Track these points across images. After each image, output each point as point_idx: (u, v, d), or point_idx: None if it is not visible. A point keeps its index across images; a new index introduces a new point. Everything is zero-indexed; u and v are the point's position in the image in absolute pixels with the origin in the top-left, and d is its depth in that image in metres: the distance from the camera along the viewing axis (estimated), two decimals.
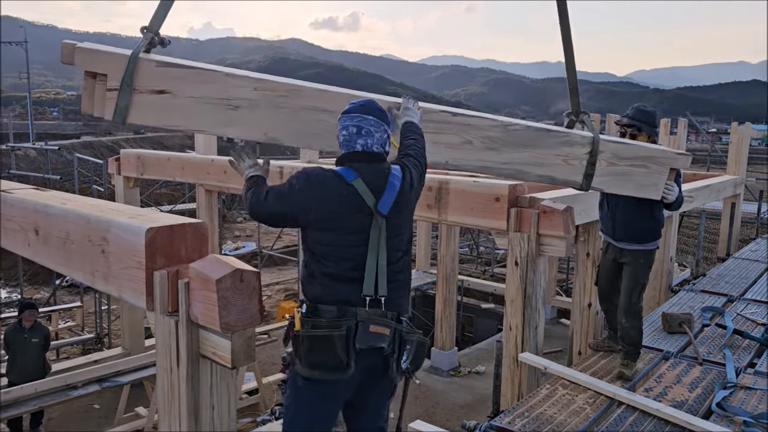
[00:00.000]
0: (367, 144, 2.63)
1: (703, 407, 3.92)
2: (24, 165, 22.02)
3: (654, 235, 4.30)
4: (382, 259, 2.49)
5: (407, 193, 2.64)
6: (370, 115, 2.66)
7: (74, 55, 2.80)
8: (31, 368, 6.99)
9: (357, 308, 2.44)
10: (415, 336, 2.51)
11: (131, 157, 8.25)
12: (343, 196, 2.50)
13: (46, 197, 3.12)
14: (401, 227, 2.62)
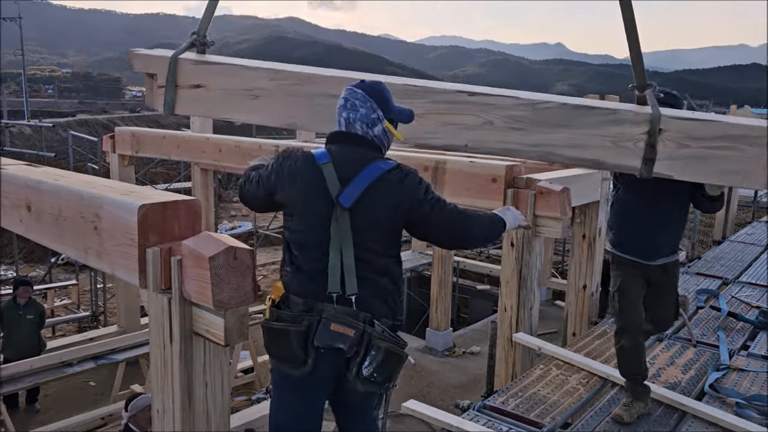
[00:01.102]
0: (349, 118, 2.41)
1: (696, 389, 3.95)
2: (19, 142, 21.88)
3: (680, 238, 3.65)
4: (347, 256, 2.28)
5: (381, 194, 2.30)
6: (360, 89, 2.44)
7: (132, 60, 3.49)
8: (27, 345, 7.00)
9: (324, 304, 2.28)
10: (385, 344, 2.27)
11: (126, 134, 8.19)
12: (308, 180, 2.34)
13: (38, 173, 3.09)
14: (373, 228, 2.32)
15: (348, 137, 2.41)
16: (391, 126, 2.47)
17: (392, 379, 2.34)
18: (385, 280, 2.36)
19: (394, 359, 2.30)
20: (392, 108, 2.49)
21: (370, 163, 2.34)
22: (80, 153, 12.13)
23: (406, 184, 2.34)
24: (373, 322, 2.28)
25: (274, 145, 6.51)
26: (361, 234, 2.29)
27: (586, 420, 3.51)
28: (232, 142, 7.14)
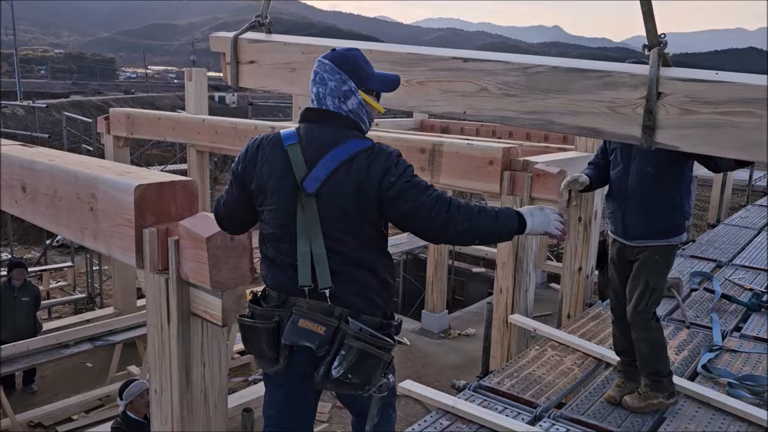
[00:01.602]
0: (319, 93, 2.15)
1: (689, 369, 3.98)
2: (12, 124, 21.70)
3: (678, 226, 3.24)
4: (317, 246, 2.04)
5: (346, 180, 2.03)
6: (328, 60, 2.16)
7: (210, 43, 4.08)
8: (22, 327, 7.00)
9: (297, 298, 2.08)
10: (359, 343, 2.01)
11: (120, 116, 8.13)
12: (274, 164, 2.10)
13: (33, 153, 3.07)
14: (342, 216, 2.06)
15: (318, 114, 2.16)
16: (370, 97, 2.19)
17: (371, 383, 2.06)
18: (364, 273, 2.11)
19: (371, 361, 2.04)
20: (370, 76, 2.20)
21: (341, 143, 2.08)
22: (74, 134, 12.05)
23: (374, 165, 2.05)
24: (348, 318, 2.06)
25: (270, 127, 6.48)
26: (330, 222, 2.06)
27: (580, 400, 3.54)
28: (228, 123, 7.11)
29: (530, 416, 3.33)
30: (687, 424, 3.29)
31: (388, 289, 2.18)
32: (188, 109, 8.66)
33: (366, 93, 2.18)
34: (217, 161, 20.27)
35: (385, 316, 2.15)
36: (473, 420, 3.23)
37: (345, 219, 2.06)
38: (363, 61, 2.21)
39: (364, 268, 2.11)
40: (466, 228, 2.07)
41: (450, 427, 3.19)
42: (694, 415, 3.40)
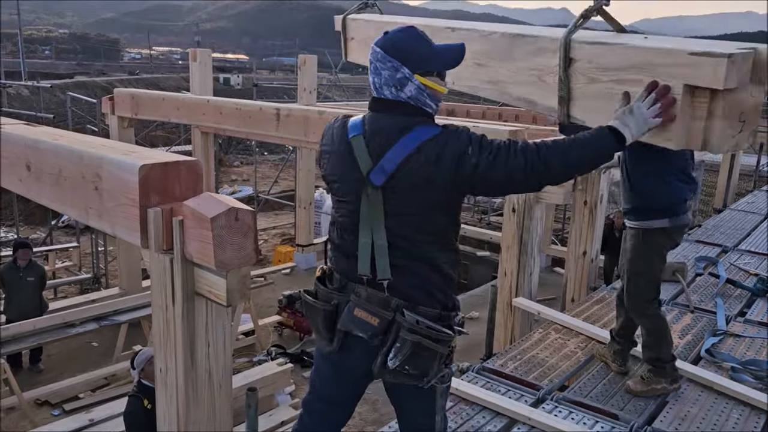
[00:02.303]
0: (375, 84, 2.08)
1: (692, 353, 3.99)
2: (17, 104, 21.69)
3: (652, 211, 3.15)
4: (379, 238, 2.03)
5: (419, 169, 1.95)
6: (379, 47, 2.07)
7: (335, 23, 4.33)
8: (28, 306, 7.05)
9: (357, 285, 2.09)
10: (414, 336, 1.98)
11: (125, 96, 8.11)
12: (340, 155, 2.11)
13: (37, 132, 3.06)
14: (411, 209, 2.01)
15: (381, 104, 2.08)
16: (428, 80, 2.05)
17: (429, 374, 2.04)
18: (425, 268, 2.06)
19: (427, 353, 2.00)
20: (427, 57, 2.06)
21: (407, 133, 1.99)
22: (79, 115, 12.03)
23: (446, 153, 1.94)
24: (404, 311, 2.03)
25: (275, 109, 6.45)
26: (395, 216, 2.02)
27: (583, 383, 3.55)
28: (232, 104, 7.08)
29: (533, 398, 3.35)
30: (689, 408, 3.30)
31: (449, 284, 2.13)
32: (193, 89, 8.63)
33: (425, 75, 2.05)
34: (222, 143, 20.25)
35: (444, 308, 2.10)
36: (476, 402, 3.25)
37: (411, 213, 2.02)
38: (417, 41, 2.07)
39: (426, 263, 2.07)
40: (561, 170, 2.00)
41: (453, 408, 3.20)
42: (696, 398, 3.40)
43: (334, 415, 2.36)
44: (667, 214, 3.17)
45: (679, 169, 3.17)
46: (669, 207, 3.17)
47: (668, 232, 3.22)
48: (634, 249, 3.25)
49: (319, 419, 2.36)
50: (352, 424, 5.79)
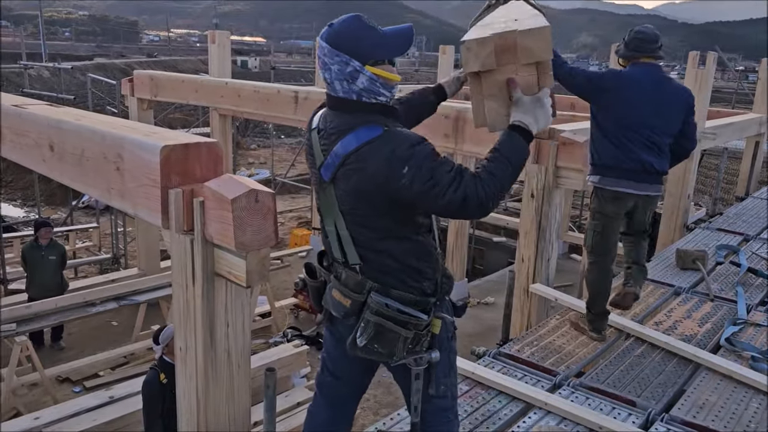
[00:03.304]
0: (326, 79, 2.07)
1: (711, 342, 3.95)
2: (38, 85, 21.89)
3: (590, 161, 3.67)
4: (341, 228, 2.08)
5: (361, 175, 1.94)
6: (325, 41, 2.02)
7: None
8: (50, 284, 7.18)
9: (338, 265, 2.17)
10: (375, 318, 2.01)
11: (144, 78, 8.14)
12: (307, 145, 2.21)
13: (60, 113, 3.09)
14: (358, 205, 2.02)
15: (333, 101, 2.08)
16: (380, 69, 2.00)
17: (396, 354, 2.04)
18: (389, 260, 2.07)
19: (391, 335, 2.02)
20: (376, 45, 2.00)
21: (348, 134, 1.97)
22: (99, 96, 12.12)
23: (376, 159, 1.91)
24: (372, 294, 2.05)
25: (293, 91, 6.45)
26: (349, 209, 2.05)
27: (600, 369, 3.54)
28: (251, 87, 7.08)
29: (550, 384, 3.34)
30: (708, 396, 3.28)
31: (418, 273, 2.09)
32: (211, 72, 8.63)
33: (376, 65, 2.00)
34: (239, 125, 20.32)
35: (422, 293, 2.10)
36: (492, 386, 3.26)
37: (361, 208, 2.03)
38: (364, 31, 2.00)
39: (387, 255, 2.08)
40: (495, 199, 1.97)
41: (469, 392, 3.21)
42: (715, 387, 3.38)
43: (341, 389, 2.41)
44: (594, 171, 3.66)
45: (598, 126, 3.59)
46: (594, 164, 3.65)
47: (603, 190, 3.62)
48: (593, 203, 3.76)
49: (327, 393, 2.44)
50: (367, 407, 5.84)
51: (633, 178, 3.51)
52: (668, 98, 3.49)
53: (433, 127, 4.91)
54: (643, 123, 3.44)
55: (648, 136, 3.46)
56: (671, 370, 3.57)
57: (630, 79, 3.49)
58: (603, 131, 3.54)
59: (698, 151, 6.83)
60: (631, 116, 3.43)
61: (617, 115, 3.46)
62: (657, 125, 3.47)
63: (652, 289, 4.84)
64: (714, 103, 8.82)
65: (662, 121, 3.48)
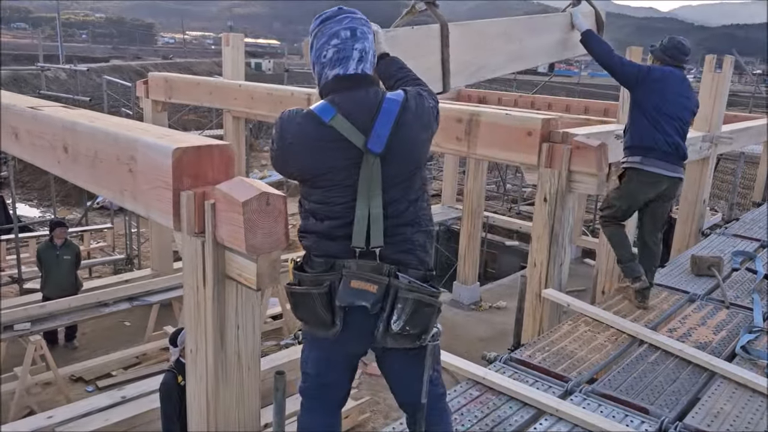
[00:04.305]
0: (365, 49, 2.17)
1: (727, 350, 3.89)
2: (55, 87, 22.12)
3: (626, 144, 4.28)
4: (375, 206, 2.08)
5: (410, 125, 2.11)
6: (356, 13, 2.21)
7: None
8: (64, 284, 7.25)
9: (345, 261, 2.10)
10: (413, 294, 2.07)
11: (159, 80, 8.20)
12: (322, 146, 2.07)
13: (75, 115, 3.11)
14: (403, 172, 2.13)
15: (347, 82, 2.15)
16: None
17: (428, 331, 2.14)
18: (414, 230, 2.17)
19: (427, 310, 2.10)
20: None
21: (382, 101, 2.11)
22: (114, 98, 12.23)
23: (426, 105, 2.18)
24: (397, 274, 2.10)
25: (306, 94, 6.46)
26: (390, 181, 2.10)
27: (612, 375, 3.50)
28: (264, 89, 7.11)
29: (561, 390, 3.31)
30: (723, 405, 3.23)
31: (431, 240, 2.26)
32: (225, 74, 8.67)
33: None
34: (253, 127, 20.39)
35: (428, 269, 2.21)
36: (503, 391, 3.23)
37: (402, 175, 2.13)
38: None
39: (414, 224, 2.18)
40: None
41: (480, 397, 3.19)
42: (731, 395, 3.33)
43: (331, 395, 2.38)
44: (629, 153, 4.24)
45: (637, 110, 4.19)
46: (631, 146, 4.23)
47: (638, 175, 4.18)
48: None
49: (318, 403, 2.37)
50: (377, 410, 5.82)
51: (668, 160, 4.13)
52: (692, 100, 4.30)
53: (445, 131, 4.90)
54: (676, 113, 4.15)
55: (679, 125, 4.18)
56: (685, 378, 3.53)
57: (672, 75, 4.21)
58: (645, 114, 4.13)
59: (714, 156, 6.74)
60: (668, 105, 4.12)
61: (657, 103, 4.11)
62: (684, 118, 4.22)
63: (666, 295, 4.78)
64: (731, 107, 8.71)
65: (686, 115, 4.25)
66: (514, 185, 16.52)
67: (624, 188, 4.28)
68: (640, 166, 4.15)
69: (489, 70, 4.15)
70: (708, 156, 6.43)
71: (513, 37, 4.18)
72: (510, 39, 4.15)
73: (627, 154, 4.26)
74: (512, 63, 4.37)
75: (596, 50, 4.33)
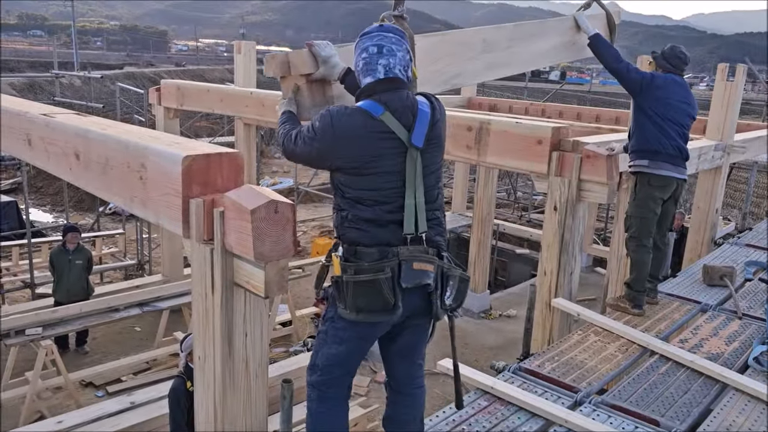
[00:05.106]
0: (389, 65, 2.43)
1: (739, 361, 3.85)
2: (69, 93, 22.37)
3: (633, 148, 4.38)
4: (420, 195, 2.37)
5: (439, 123, 2.47)
6: (391, 33, 2.48)
7: None
8: (76, 288, 7.30)
9: (398, 248, 2.32)
10: (458, 272, 2.42)
11: (171, 87, 8.26)
12: (371, 136, 2.33)
13: (87, 122, 3.14)
14: (436, 162, 2.48)
15: (396, 82, 2.43)
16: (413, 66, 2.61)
17: (462, 303, 2.49)
18: (441, 214, 2.51)
19: (465, 285, 2.46)
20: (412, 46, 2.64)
21: (417, 102, 2.43)
22: (127, 105, 12.34)
23: (443, 111, 2.52)
24: (441, 255, 2.40)
25: None
26: (428, 173, 2.42)
27: (622, 386, 3.47)
28: (274, 97, 7.12)
29: (570, 401, 3.29)
30: (735, 418, 3.19)
31: (445, 230, 2.55)
32: (237, 81, 8.72)
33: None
34: (264, 134, 20.49)
35: (446, 248, 2.49)
36: (512, 401, 3.21)
37: (436, 165, 2.47)
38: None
39: (441, 209, 2.52)
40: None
41: (488, 407, 3.17)
42: (743, 408, 3.29)
43: (349, 382, 2.60)
44: (637, 156, 4.33)
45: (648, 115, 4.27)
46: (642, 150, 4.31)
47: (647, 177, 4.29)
48: (631, 191, 4.43)
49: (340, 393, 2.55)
50: None
51: (674, 162, 4.29)
52: (692, 106, 4.44)
53: (455, 138, 4.90)
54: (678, 118, 4.31)
55: (681, 130, 4.34)
56: (697, 390, 3.49)
57: (674, 82, 4.37)
58: (650, 119, 4.27)
59: (727, 165, 6.69)
60: (672, 111, 4.27)
61: (661, 108, 4.25)
62: (685, 123, 4.37)
63: (677, 305, 4.74)
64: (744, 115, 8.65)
65: (687, 120, 4.40)
66: (525, 193, 16.46)
67: (638, 196, 4.35)
68: (648, 170, 4.28)
69: (467, 77, 4.27)
70: (720, 165, 6.38)
71: (494, 45, 4.25)
72: (490, 47, 4.22)
73: (633, 158, 4.37)
74: (493, 70, 4.41)
75: (603, 54, 4.41)
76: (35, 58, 39.06)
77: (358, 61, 2.49)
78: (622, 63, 4.35)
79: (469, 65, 4.13)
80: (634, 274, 4.45)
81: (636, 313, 4.44)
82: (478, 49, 4.14)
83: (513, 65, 4.53)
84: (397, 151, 2.35)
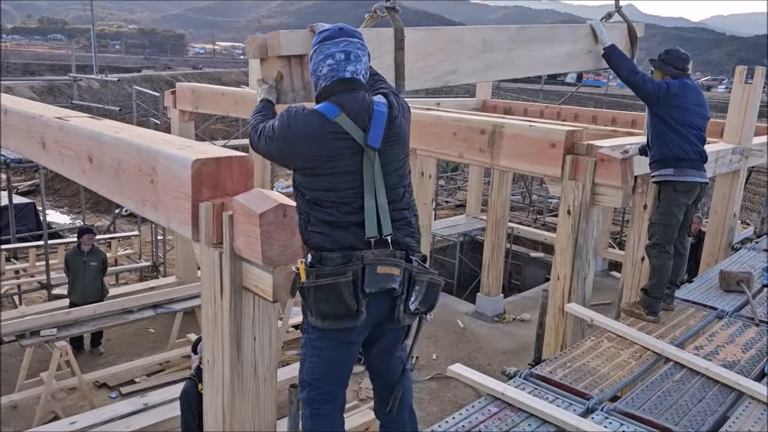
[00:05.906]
0: (356, 71, 2.42)
1: (756, 369, 3.78)
2: (87, 96, 22.63)
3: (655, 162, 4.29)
4: (381, 196, 2.32)
5: (397, 121, 2.43)
6: (355, 37, 2.45)
7: None
8: (91, 290, 7.36)
9: (362, 251, 2.27)
10: (426, 276, 2.36)
11: (186, 90, 8.32)
12: (327, 136, 2.30)
13: (100, 126, 3.17)
14: (397, 160, 2.43)
15: (349, 84, 2.40)
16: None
17: (434, 308, 2.43)
18: (410, 214, 2.45)
19: (435, 289, 2.40)
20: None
21: (373, 103, 2.40)
22: (144, 107, 12.45)
23: (404, 107, 2.51)
24: (409, 258, 2.35)
25: None
26: (389, 172, 2.37)
27: (636, 394, 3.42)
28: None
29: (582, 408, 3.24)
30: (751, 426, 3.13)
31: (418, 230, 2.50)
32: (251, 85, 8.75)
33: None
34: None
35: (419, 249, 2.46)
36: (522, 408, 3.17)
37: (399, 163, 2.42)
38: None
39: (410, 208, 2.47)
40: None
41: (498, 414, 3.14)
42: (759, 417, 3.23)
43: (342, 393, 2.54)
44: (662, 165, 4.25)
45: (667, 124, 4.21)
46: (664, 158, 4.23)
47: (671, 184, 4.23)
48: (655, 199, 4.37)
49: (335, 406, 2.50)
50: None
51: (696, 167, 4.26)
52: (705, 108, 4.41)
53: (468, 142, 4.88)
54: (696, 122, 4.28)
55: (699, 133, 4.30)
56: (711, 398, 3.43)
57: (687, 87, 4.32)
58: (668, 126, 4.22)
59: (745, 168, 6.59)
60: (689, 115, 4.24)
61: (680, 114, 4.21)
62: (702, 126, 4.34)
63: (693, 311, 4.68)
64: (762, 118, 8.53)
65: (703, 123, 4.36)
66: (539, 196, 16.37)
67: (662, 203, 4.29)
68: (674, 178, 4.22)
69: (464, 76, 4.14)
70: (738, 169, 6.29)
71: (496, 46, 4.15)
72: (491, 47, 4.13)
73: (656, 168, 4.29)
74: (493, 70, 4.29)
75: (618, 66, 4.37)
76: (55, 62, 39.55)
77: (321, 67, 2.42)
78: (638, 75, 4.29)
79: (467, 64, 4.05)
80: (654, 280, 4.39)
81: (651, 320, 4.37)
82: (478, 48, 4.06)
83: (515, 68, 4.41)
84: (351, 151, 2.32)
